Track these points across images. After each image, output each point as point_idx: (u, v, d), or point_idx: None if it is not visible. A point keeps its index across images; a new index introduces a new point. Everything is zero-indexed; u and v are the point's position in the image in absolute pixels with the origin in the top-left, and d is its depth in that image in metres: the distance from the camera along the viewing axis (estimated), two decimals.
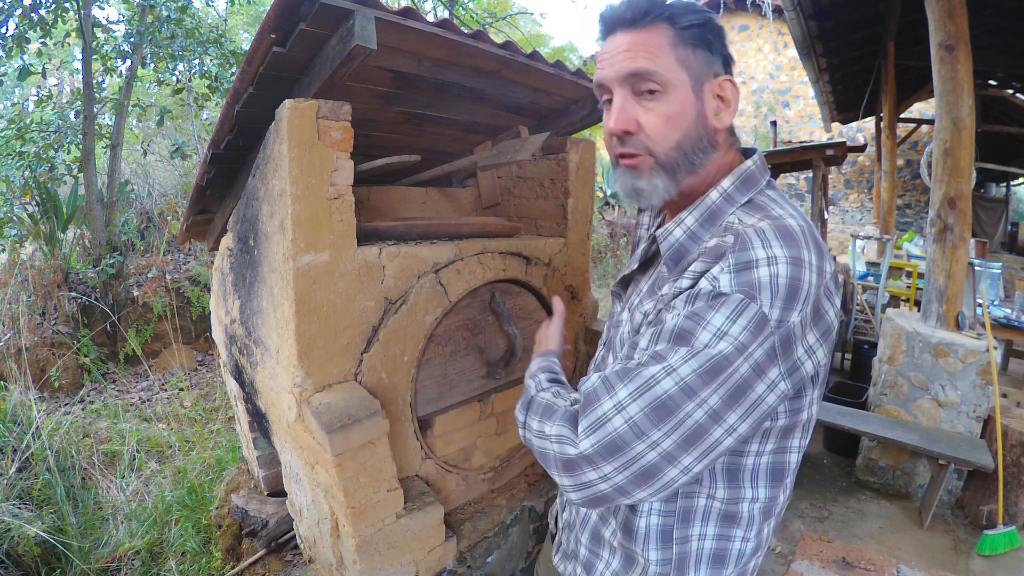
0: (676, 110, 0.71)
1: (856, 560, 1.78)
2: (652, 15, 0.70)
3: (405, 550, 1.35)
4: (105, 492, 2.38)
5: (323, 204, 1.18)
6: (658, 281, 0.76)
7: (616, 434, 0.59)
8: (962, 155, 2.66)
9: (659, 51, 0.69)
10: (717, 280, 0.60)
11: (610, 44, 0.73)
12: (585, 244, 1.94)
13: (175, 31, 4.12)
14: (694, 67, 0.71)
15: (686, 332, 0.60)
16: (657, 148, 0.72)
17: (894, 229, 6.04)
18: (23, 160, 3.80)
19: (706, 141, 0.73)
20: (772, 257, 0.60)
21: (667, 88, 0.70)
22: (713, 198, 0.73)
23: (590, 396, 0.63)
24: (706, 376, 0.58)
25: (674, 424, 0.58)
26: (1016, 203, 10.48)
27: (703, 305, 0.60)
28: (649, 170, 0.73)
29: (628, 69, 0.70)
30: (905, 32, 5.16)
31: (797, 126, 9.91)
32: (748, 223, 0.66)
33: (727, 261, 0.61)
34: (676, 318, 0.62)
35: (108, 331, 3.98)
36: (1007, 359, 4.35)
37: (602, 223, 8.07)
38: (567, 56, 11.11)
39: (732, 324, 0.58)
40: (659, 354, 0.61)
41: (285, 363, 1.26)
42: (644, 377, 0.60)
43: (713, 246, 0.64)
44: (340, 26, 1.08)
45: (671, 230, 0.73)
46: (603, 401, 0.61)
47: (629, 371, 0.62)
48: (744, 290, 0.59)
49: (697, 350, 0.58)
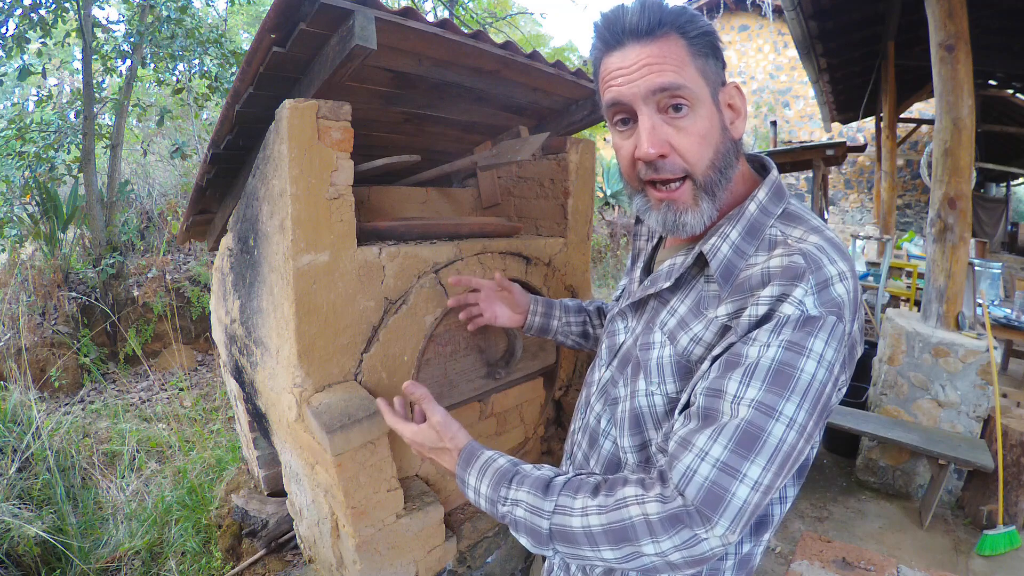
0: (706, 126, 0.67)
1: (856, 560, 1.78)
2: (665, 25, 0.65)
3: (405, 550, 1.35)
4: (105, 492, 2.38)
5: (323, 204, 1.18)
6: (703, 301, 0.70)
7: (742, 502, 0.57)
8: (962, 155, 2.66)
9: (682, 63, 0.65)
10: (803, 304, 0.59)
11: (623, 57, 0.66)
12: (585, 244, 1.94)
13: (175, 31, 4.12)
14: (711, 77, 0.68)
15: (787, 366, 0.58)
16: (695, 170, 0.67)
17: (894, 229, 6.03)
18: (23, 160, 3.80)
19: (732, 155, 0.70)
20: (841, 273, 0.61)
21: (695, 103, 0.66)
22: (752, 210, 0.69)
23: (715, 492, 0.57)
24: (812, 410, 0.59)
25: (781, 461, 0.58)
26: (1016, 203, 10.47)
27: (800, 333, 0.58)
28: (692, 199, 0.69)
29: (656, 84, 0.64)
30: (905, 32, 5.17)
31: (797, 126, 9.92)
32: (795, 235, 0.65)
33: (808, 283, 0.60)
34: (767, 350, 0.59)
35: (108, 331, 3.98)
36: (1007, 359, 4.35)
37: (602, 223, 8.07)
38: (567, 56, 11.11)
39: (828, 347, 0.59)
40: (765, 405, 0.58)
41: (285, 363, 1.26)
42: (771, 445, 0.57)
43: (784, 267, 0.61)
44: (340, 26, 1.08)
45: (718, 246, 0.68)
46: (736, 489, 0.57)
47: (751, 443, 0.57)
48: (831, 309, 0.59)
49: (802, 386, 0.58)
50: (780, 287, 0.61)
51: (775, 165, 0.75)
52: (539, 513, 0.66)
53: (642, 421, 0.73)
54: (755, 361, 0.59)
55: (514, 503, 0.69)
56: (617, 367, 0.81)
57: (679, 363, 0.70)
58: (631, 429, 0.74)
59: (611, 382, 0.81)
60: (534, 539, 0.67)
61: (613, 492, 0.63)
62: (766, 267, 0.63)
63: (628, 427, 0.75)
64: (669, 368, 0.70)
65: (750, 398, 0.58)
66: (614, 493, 0.63)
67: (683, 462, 0.59)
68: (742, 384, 0.59)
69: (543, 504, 0.66)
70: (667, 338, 0.72)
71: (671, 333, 0.72)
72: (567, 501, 0.65)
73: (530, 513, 0.67)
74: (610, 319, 0.89)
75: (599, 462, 0.81)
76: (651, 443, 0.73)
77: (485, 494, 0.73)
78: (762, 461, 0.57)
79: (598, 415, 0.83)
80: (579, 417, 0.90)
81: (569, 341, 1.21)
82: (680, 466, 0.59)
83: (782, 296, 0.60)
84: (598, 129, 5.06)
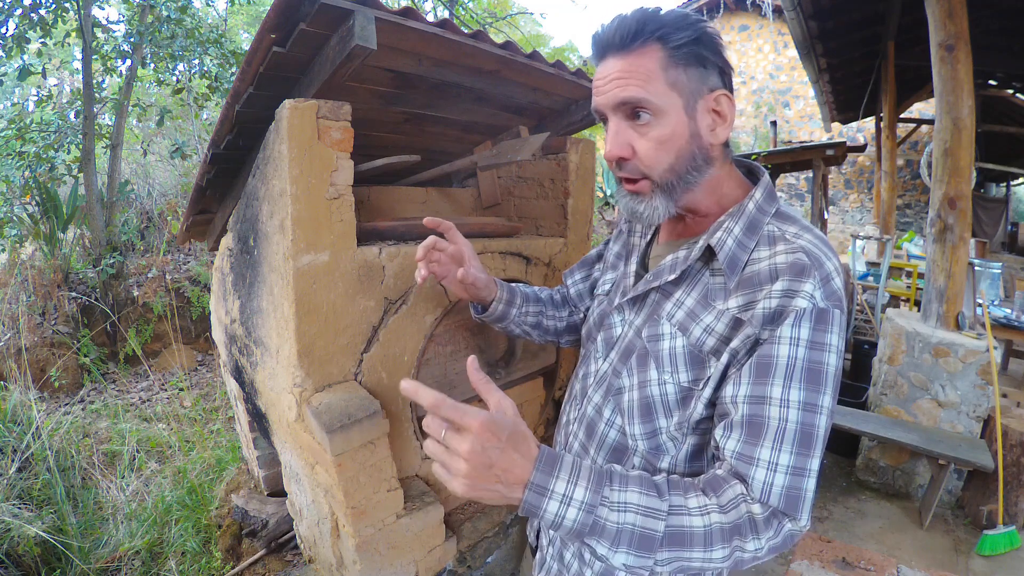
0: (668, 133, 0.72)
1: (856, 560, 1.78)
2: (643, 37, 0.69)
3: (405, 550, 1.35)
4: (105, 492, 2.38)
5: (323, 204, 1.18)
6: (710, 293, 0.75)
7: (812, 493, 0.65)
8: (962, 155, 2.66)
9: (649, 76, 0.70)
10: (814, 297, 0.65)
11: (602, 69, 0.73)
12: (585, 244, 1.94)
13: (175, 31, 4.12)
14: (686, 87, 0.71)
15: (816, 364, 0.65)
16: (652, 172, 0.74)
17: (894, 229, 6.04)
18: (23, 160, 3.80)
19: (700, 159, 0.75)
20: (837, 268, 0.69)
21: (658, 113, 0.71)
22: (751, 209, 0.75)
23: (793, 495, 0.63)
24: (835, 394, 0.67)
25: (824, 446, 0.67)
26: (1016, 203, 10.47)
27: (818, 331, 0.65)
28: (649, 193, 0.76)
29: (619, 98, 0.71)
30: (905, 32, 5.17)
31: (797, 126, 9.92)
32: (791, 232, 0.72)
33: (815, 277, 0.66)
34: (797, 350, 0.65)
35: (108, 331, 3.98)
36: (1007, 359, 4.35)
37: (602, 223, 8.07)
38: (567, 56, 11.10)
39: (840, 339, 0.67)
40: (809, 404, 0.64)
41: (285, 363, 1.26)
42: (821, 436, 0.65)
43: (791, 263, 0.67)
44: (340, 26, 1.08)
45: (724, 239, 0.74)
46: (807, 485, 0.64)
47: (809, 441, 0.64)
48: (835, 302, 0.67)
49: (830, 378, 0.65)
50: (789, 281, 0.67)
51: (764, 169, 0.82)
52: (655, 515, 0.61)
53: (653, 409, 0.76)
54: (789, 363, 0.65)
55: (623, 506, 0.61)
56: (618, 359, 0.83)
57: (692, 353, 0.73)
58: (642, 417, 0.77)
59: (613, 373, 0.83)
60: (643, 547, 0.60)
61: (720, 491, 0.65)
62: (772, 263, 0.69)
63: (639, 415, 0.77)
64: (682, 358, 0.74)
65: (796, 400, 0.64)
66: (723, 492, 0.65)
67: (757, 478, 0.64)
68: (784, 388, 0.65)
69: (659, 504, 0.62)
70: (677, 329, 0.76)
71: (681, 324, 0.75)
72: (680, 500, 0.63)
73: (644, 516, 0.61)
74: (602, 313, 0.92)
75: (601, 450, 0.83)
76: (661, 431, 0.76)
77: (582, 500, 0.59)
78: (818, 452, 0.65)
79: (597, 406, 0.85)
80: (574, 409, 0.91)
81: (518, 331, 1.15)
82: (756, 483, 0.64)
83: (791, 291, 0.66)
84: (598, 129, 5.06)
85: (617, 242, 1.03)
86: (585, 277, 1.14)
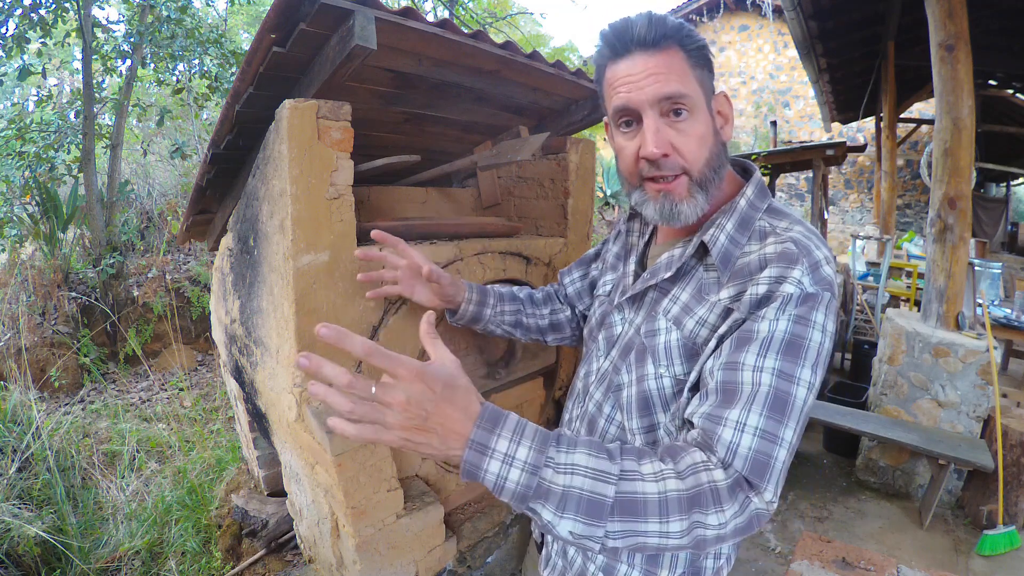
0: (703, 130, 0.74)
1: (856, 560, 1.78)
2: (669, 38, 0.72)
3: (405, 550, 1.35)
4: (105, 492, 2.38)
5: (323, 204, 1.18)
6: (704, 288, 0.76)
7: (781, 464, 0.62)
8: (962, 155, 2.66)
9: (684, 73, 0.72)
10: (802, 283, 0.66)
11: (630, 66, 0.73)
12: (585, 244, 1.94)
13: (175, 31, 4.12)
14: (705, 87, 0.75)
15: (797, 337, 0.65)
16: (692, 167, 0.75)
17: (894, 229, 6.03)
18: (23, 160, 3.80)
19: (723, 155, 0.78)
20: (827, 257, 0.70)
21: (693, 109, 0.73)
22: (743, 205, 0.77)
23: (760, 460, 0.60)
24: (818, 368, 0.66)
25: (803, 420, 0.65)
26: (1016, 203, 10.47)
27: (803, 308, 0.66)
28: (687, 191, 0.76)
29: (662, 92, 0.71)
30: (905, 32, 5.17)
31: (797, 126, 9.92)
32: (782, 226, 0.74)
33: (803, 265, 0.67)
34: (778, 323, 0.65)
35: (108, 331, 3.98)
36: (1007, 359, 4.35)
37: (602, 223, 8.07)
38: (567, 56, 11.09)
39: (828, 319, 0.67)
40: (785, 373, 0.63)
41: (285, 363, 1.26)
42: (797, 407, 0.63)
43: (780, 253, 0.69)
44: (340, 26, 1.08)
45: (717, 236, 0.75)
46: (776, 453, 0.61)
47: (782, 407, 0.62)
48: (825, 287, 0.68)
49: (812, 353, 0.65)
50: (778, 269, 0.68)
51: (756, 167, 0.84)
52: (604, 478, 0.56)
53: (651, 403, 0.77)
54: (768, 334, 0.65)
55: (570, 468, 0.57)
56: (618, 356, 0.85)
57: (686, 346, 0.75)
58: (640, 411, 0.78)
59: (613, 370, 0.84)
60: (591, 513, 0.55)
61: (678, 457, 0.61)
62: (762, 253, 0.71)
63: (636, 410, 0.79)
64: (677, 351, 0.75)
65: (771, 367, 0.63)
66: (681, 458, 0.60)
67: (724, 438, 0.61)
68: (759, 356, 0.64)
69: (609, 467, 0.57)
70: (672, 324, 0.77)
71: (675, 319, 0.77)
72: (633, 465, 0.59)
73: (592, 479, 0.56)
74: (603, 313, 0.94)
75: None
76: (659, 425, 0.77)
77: (525, 460, 0.56)
78: (792, 423, 0.62)
79: (598, 403, 0.86)
80: (576, 406, 0.93)
81: (499, 331, 1.16)
82: (722, 443, 0.61)
83: (780, 278, 0.67)
84: (598, 129, 5.06)
85: (616, 243, 1.04)
86: (583, 276, 1.16)
